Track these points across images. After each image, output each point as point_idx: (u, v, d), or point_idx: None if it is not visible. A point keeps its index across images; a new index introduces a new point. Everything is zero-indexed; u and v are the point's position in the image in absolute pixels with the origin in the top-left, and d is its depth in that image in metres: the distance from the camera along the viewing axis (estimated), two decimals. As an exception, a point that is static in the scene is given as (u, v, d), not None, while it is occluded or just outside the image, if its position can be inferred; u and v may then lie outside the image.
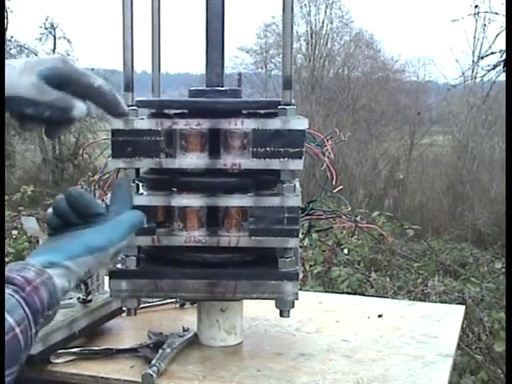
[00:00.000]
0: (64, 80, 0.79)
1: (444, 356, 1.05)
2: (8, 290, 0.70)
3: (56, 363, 1.00)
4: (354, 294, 3.27)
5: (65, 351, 1.02)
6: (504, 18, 5.29)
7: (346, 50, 10.77)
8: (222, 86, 1.06)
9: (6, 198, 5.94)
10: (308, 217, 1.06)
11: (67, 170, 9.04)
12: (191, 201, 0.98)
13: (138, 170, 0.98)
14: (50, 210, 0.84)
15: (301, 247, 1.09)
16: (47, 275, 0.74)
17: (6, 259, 4.16)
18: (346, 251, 4.32)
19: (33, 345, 0.71)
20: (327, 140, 1.06)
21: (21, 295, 0.70)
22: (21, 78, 0.78)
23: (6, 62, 0.79)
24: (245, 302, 1.08)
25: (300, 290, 1.00)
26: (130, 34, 0.96)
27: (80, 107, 0.80)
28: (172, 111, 1.04)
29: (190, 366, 0.99)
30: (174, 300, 1.24)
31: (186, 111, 1.03)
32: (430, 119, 10.39)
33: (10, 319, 0.67)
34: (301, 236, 1.03)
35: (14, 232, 4.75)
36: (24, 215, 4.82)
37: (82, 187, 1.13)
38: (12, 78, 0.78)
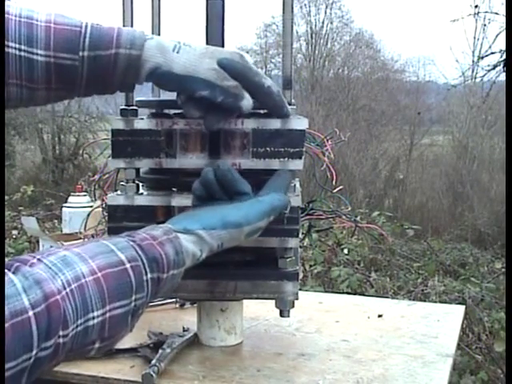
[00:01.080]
0: (239, 74, 0.82)
1: (444, 356, 1.05)
2: (124, 239, 0.71)
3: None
4: (354, 294, 3.27)
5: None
6: (504, 18, 5.29)
7: (346, 50, 10.77)
8: (222, 86, 1.06)
9: (6, 198, 5.94)
10: (308, 217, 1.06)
11: (67, 170, 9.04)
12: (191, 201, 0.98)
13: (138, 170, 0.98)
14: (198, 180, 0.86)
15: (301, 247, 1.09)
16: (174, 235, 0.75)
17: (6, 259, 4.16)
18: (346, 251, 4.33)
19: (153, 295, 0.71)
20: (327, 140, 1.06)
21: (136, 243, 0.70)
22: (202, 61, 0.81)
23: (184, 42, 0.82)
24: (245, 301, 1.08)
25: (300, 289, 1.00)
26: (130, 34, 0.96)
27: (248, 99, 0.83)
28: (172, 111, 1.04)
29: (189, 366, 0.99)
30: (173, 300, 1.24)
31: (186, 111, 1.03)
32: (430, 119, 10.39)
33: (120, 254, 0.68)
34: (301, 236, 1.03)
35: (14, 232, 4.75)
36: (24, 215, 4.82)
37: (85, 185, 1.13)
38: (193, 58, 0.81)
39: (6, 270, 0.60)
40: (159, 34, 1.14)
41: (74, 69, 0.79)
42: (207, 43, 1.05)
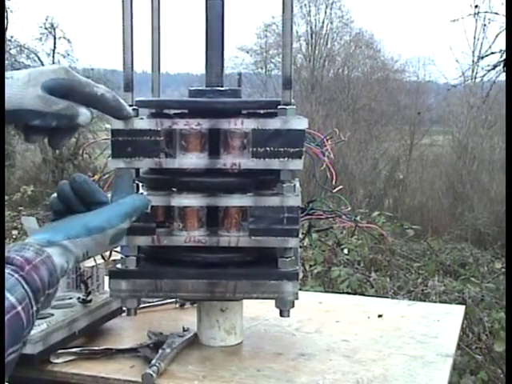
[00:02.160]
0: (68, 90, 0.80)
1: (444, 356, 1.05)
2: (7, 270, 0.70)
3: (56, 363, 1.00)
4: (354, 294, 3.27)
5: (65, 351, 1.02)
6: (504, 18, 5.28)
7: (346, 49, 10.77)
8: (222, 86, 1.06)
9: (6, 197, 5.94)
10: (308, 217, 1.06)
11: (67, 170, 9.03)
12: (191, 201, 0.98)
13: (137, 170, 0.98)
14: (55, 194, 0.85)
15: (301, 247, 1.09)
16: (46, 254, 0.74)
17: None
18: (346, 251, 4.32)
19: (34, 323, 0.70)
20: (327, 140, 1.06)
21: (20, 274, 0.70)
22: (25, 90, 0.78)
23: (7, 74, 0.79)
24: (245, 301, 1.08)
25: (300, 289, 1.00)
26: (130, 34, 0.96)
27: (84, 113, 0.81)
28: (172, 111, 1.04)
29: (189, 366, 0.99)
30: (173, 300, 1.24)
31: (185, 111, 1.03)
32: (430, 119, 10.39)
33: (10, 297, 0.67)
34: (301, 236, 1.03)
35: (14, 232, 4.75)
36: (24, 215, 4.82)
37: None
38: (16, 91, 0.78)
39: None
40: (159, 34, 1.14)
41: None
42: (207, 43, 1.06)
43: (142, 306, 1.13)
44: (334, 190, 1.06)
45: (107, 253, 1.06)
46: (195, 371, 0.98)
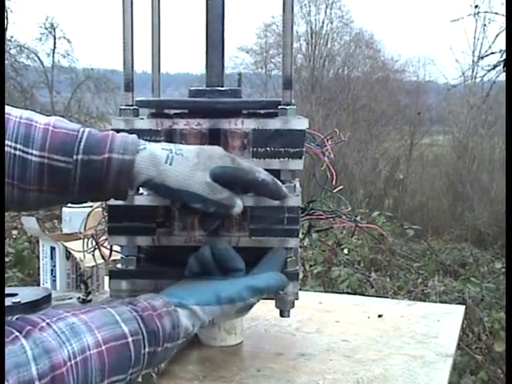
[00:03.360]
0: (233, 179, 0.83)
1: (444, 356, 1.05)
2: (127, 308, 0.72)
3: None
4: (354, 294, 3.27)
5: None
6: (504, 18, 5.28)
7: (346, 49, 10.77)
8: (222, 86, 1.06)
9: (6, 197, 5.93)
10: (308, 217, 1.06)
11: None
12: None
13: (138, 170, 0.98)
14: (194, 255, 0.88)
15: (301, 247, 1.09)
16: (173, 308, 0.76)
17: (6, 259, 4.16)
18: (346, 251, 4.33)
19: (147, 367, 0.73)
20: (327, 140, 1.06)
21: (139, 314, 0.72)
22: (194, 174, 0.81)
23: (178, 148, 0.83)
24: (245, 302, 1.08)
25: (300, 289, 1.00)
26: (130, 34, 0.96)
27: (239, 205, 0.84)
28: (172, 111, 1.04)
29: (190, 366, 0.99)
30: (174, 300, 1.24)
31: (185, 111, 1.03)
32: (430, 119, 10.39)
33: (124, 327, 0.70)
34: (301, 236, 1.03)
35: (14, 232, 4.75)
36: (24, 215, 4.82)
37: None
38: (185, 172, 0.81)
39: (17, 334, 0.62)
40: (159, 34, 1.14)
41: (68, 171, 0.79)
42: (207, 43, 1.05)
43: (142, 305, 1.13)
44: (334, 190, 1.06)
45: (107, 252, 1.06)
46: (195, 371, 0.98)
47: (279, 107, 0.96)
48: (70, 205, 1.52)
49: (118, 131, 0.90)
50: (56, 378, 0.61)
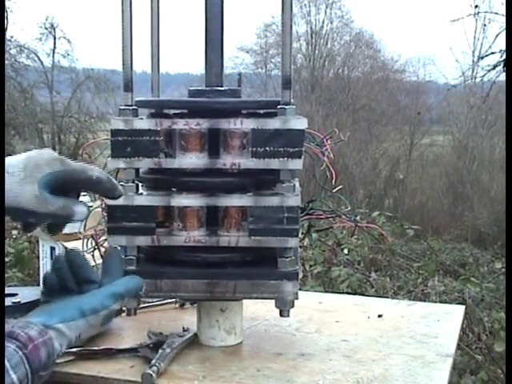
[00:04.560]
0: (65, 181, 0.81)
1: (444, 356, 1.04)
2: (12, 346, 0.71)
3: (56, 363, 1.00)
4: (354, 294, 3.27)
5: (65, 351, 1.01)
6: (504, 18, 5.28)
7: (346, 49, 10.78)
8: (222, 86, 1.06)
9: (6, 198, 5.93)
10: (308, 217, 1.06)
11: (67, 170, 9.02)
12: (191, 201, 0.98)
13: (137, 170, 0.98)
14: (49, 269, 0.88)
15: (301, 247, 1.09)
16: (49, 336, 0.76)
17: (6, 259, 4.16)
18: (346, 251, 4.33)
19: None
20: (327, 140, 1.06)
21: (24, 352, 0.71)
22: (22, 188, 0.79)
23: (5, 162, 0.79)
24: (245, 301, 1.08)
25: (300, 289, 1.00)
26: (130, 34, 0.96)
27: (80, 212, 0.83)
28: (171, 111, 1.04)
29: (189, 366, 0.99)
30: (173, 300, 1.24)
31: (185, 111, 1.03)
32: (430, 119, 10.40)
33: (13, 376, 0.69)
34: (301, 236, 1.03)
35: (14, 232, 4.74)
36: (24, 215, 4.80)
37: None
38: (12, 187, 0.78)
39: None
40: (159, 34, 1.14)
41: None
42: (206, 43, 1.05)
43: (142, 306, 1.13)
44: (334, 190, 1.06)
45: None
46: (195, 371, 0.97)
47: (278, 107, 0.96)
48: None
49: (117, 131, 0.91)
50: None
